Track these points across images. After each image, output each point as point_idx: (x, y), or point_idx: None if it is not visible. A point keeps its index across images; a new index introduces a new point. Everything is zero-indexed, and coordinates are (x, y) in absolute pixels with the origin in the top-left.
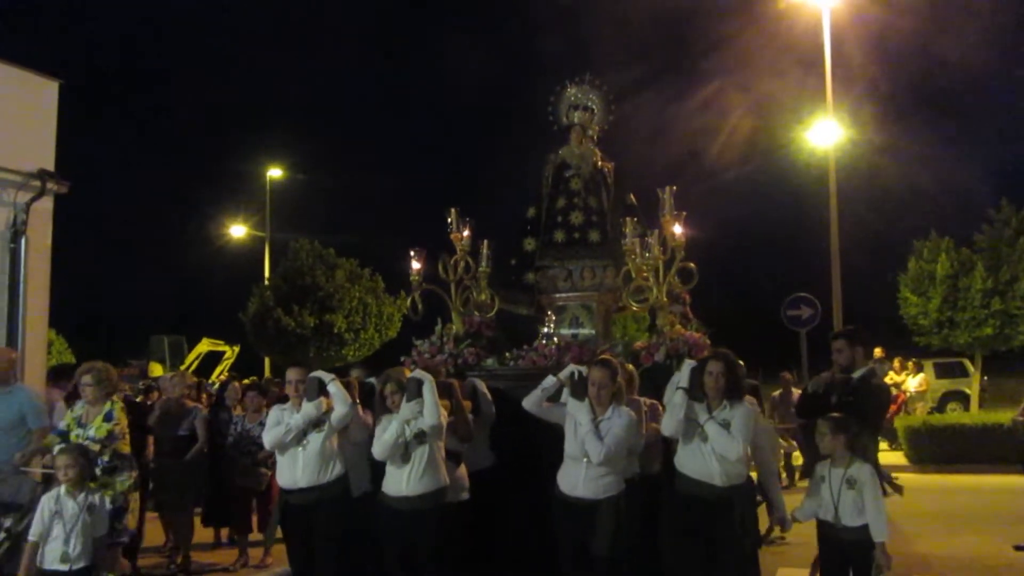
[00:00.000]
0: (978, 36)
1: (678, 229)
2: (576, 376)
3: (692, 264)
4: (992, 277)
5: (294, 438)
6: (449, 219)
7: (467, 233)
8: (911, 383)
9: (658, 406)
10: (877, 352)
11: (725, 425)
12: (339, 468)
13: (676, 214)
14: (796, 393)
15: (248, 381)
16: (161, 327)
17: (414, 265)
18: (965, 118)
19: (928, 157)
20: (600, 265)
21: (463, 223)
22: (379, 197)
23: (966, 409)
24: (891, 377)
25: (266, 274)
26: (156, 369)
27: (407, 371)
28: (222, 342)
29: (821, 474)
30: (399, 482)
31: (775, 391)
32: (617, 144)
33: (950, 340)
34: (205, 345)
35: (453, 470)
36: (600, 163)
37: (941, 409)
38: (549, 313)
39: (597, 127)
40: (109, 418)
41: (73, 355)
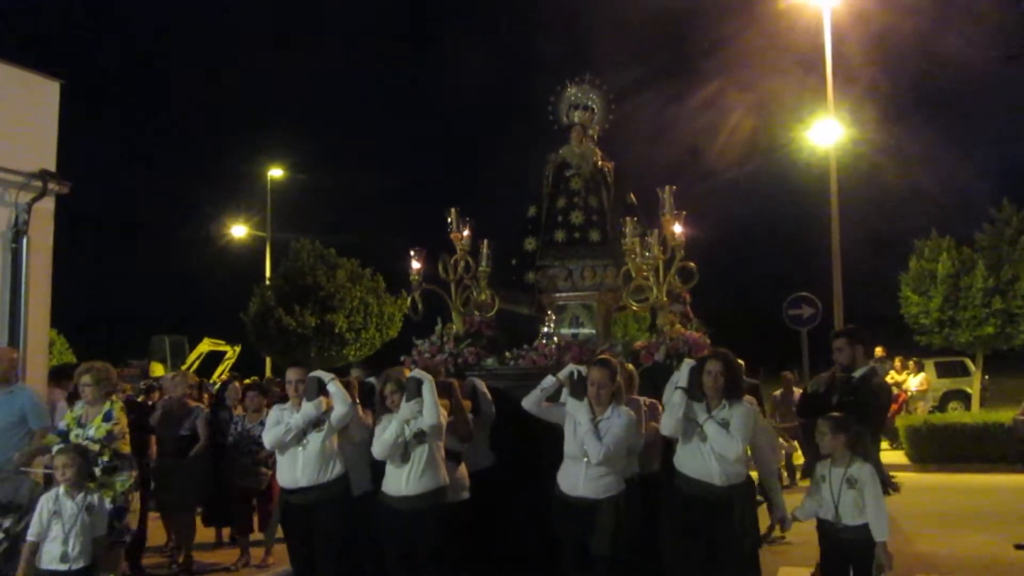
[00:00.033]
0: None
1: (678, 228)
2: (575, 376)
3: (692, 263)
4: (993, 276)
5: (294, 438)
6: (449, 219)
7: (467, 233)
8: (912, 382)
9: (658, 405)
10: (878, 351)
11: (724, 425)
12: (339, 468)
13: (676, 213)
14: (797, 392)
15: (249, 381)
16: (162, 327)
17: (414, 265)
18: (966, 117)
19: (929, 156)
20: (600, 264)
21: (463, 223)
22: (379, 197)
23: (967, 408)
24: (892, 376)
25: (267, 274)
26: (157, 369)
27: (407, 371)
28: (223, 342)
29: (821, 473)
30: (399, 482)
31: (776, 390)
32: (617, 144)
33: (951, 339)
34: (206, 345)
35: (453, 469)
36: (600, 163)
37: (942, 408)
38: (549, 313)
39: (597, 127)
40: (108, 418)
41: (74, 355)
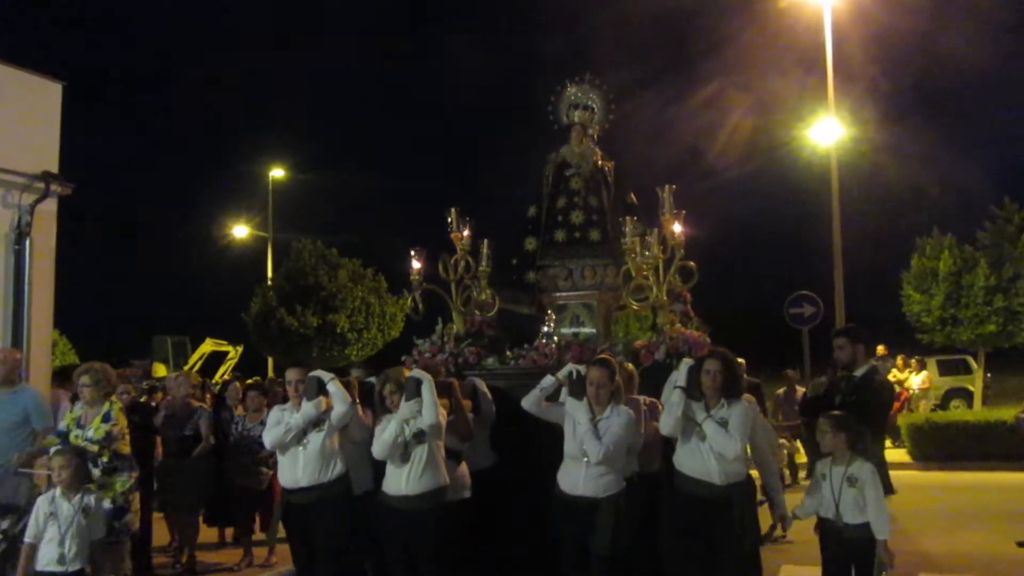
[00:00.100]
0: (980, 33)
1: (677, 228)
2: (574, 375)
3: (692, 263)
4: (995, 274)
5: (294, 438)
6: (449, 219)
7: (467, 233)
8: (914, 380)
9: (658, 404)
10: (880, 350)
11: (723, 424)
12: (340, 467)
13: (676, 213)
14: (800, 391)
15: (251, 381)
16: (164, 327)
17: (414, 265)
18: (967, 116)
19: (930, 155)
20: (601, 264)
21: (463, 223)
22: (379, 197)
23: (969, 406)
24: (894, 375)
25: (269, 274)
26: (160, 369)
27: (406, 371)
28: (225, 342)
29: (822, 472)
30: (399, 481)
31: (778, 389)
32: (617, 143)
33: (953, 337)
34: (208, 345)
35: (454, 469)
36: (600, 162)
37: (944, 406)
38: (550, 312)
39: (597, 126)
40: (107, 419)
41: (77, 356)
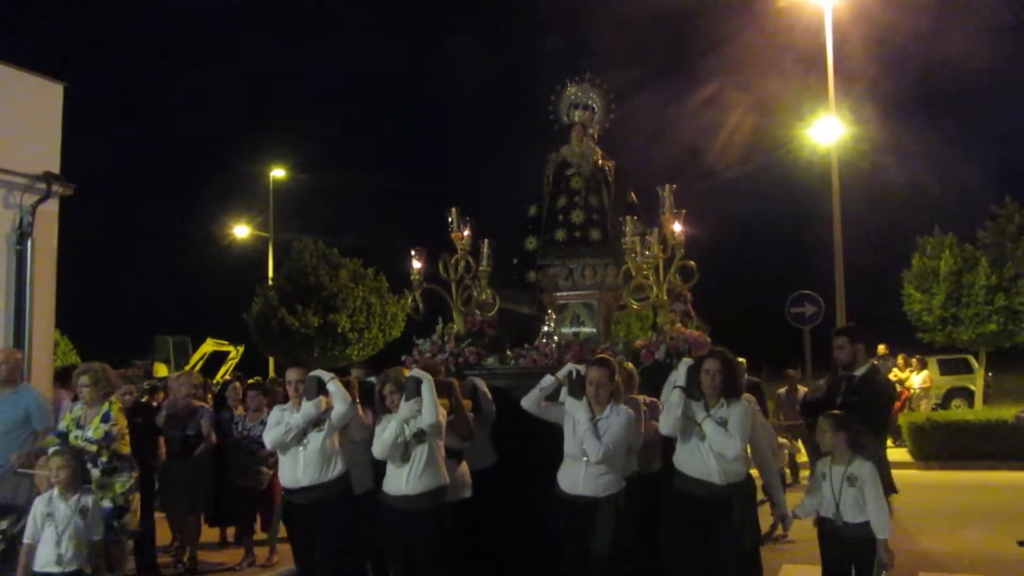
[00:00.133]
0: (980, 33)
1: (678, 227)
2: (574, 375)
3: (692, 262)
4: (996, 273)
5: (294, 437)
6: (449, 219)
7: (467, 232)
8: (915, 380)
9: (658, 404)
10: (881, 349)
11: (722, 423)
12: (340, 466)
13: (676, 212)
14: (801, 390)
15: (253, 381)
16: (165, 327)
17: (415, 264)
18: (967, 115)
19: (931, 154)
20: (601, 263)
21: (463, 223)
22: (379, 197)
23: (970, 405)
24: (895, 374)
25: (270, 274)
26: (161, 369)
27: (406, 371)
28: (226, 342)
29: (822, 471)
30: (399, 481)
31: (780, 388)
32: (618, 143)
33: (954, 337)
34: (210, 345)
35: (454, 468)
36: (601, 162)
37: (945, 406)
38: (550, 312)
39: (598, 126)
40: (106, 419)
41: (79, 356)
